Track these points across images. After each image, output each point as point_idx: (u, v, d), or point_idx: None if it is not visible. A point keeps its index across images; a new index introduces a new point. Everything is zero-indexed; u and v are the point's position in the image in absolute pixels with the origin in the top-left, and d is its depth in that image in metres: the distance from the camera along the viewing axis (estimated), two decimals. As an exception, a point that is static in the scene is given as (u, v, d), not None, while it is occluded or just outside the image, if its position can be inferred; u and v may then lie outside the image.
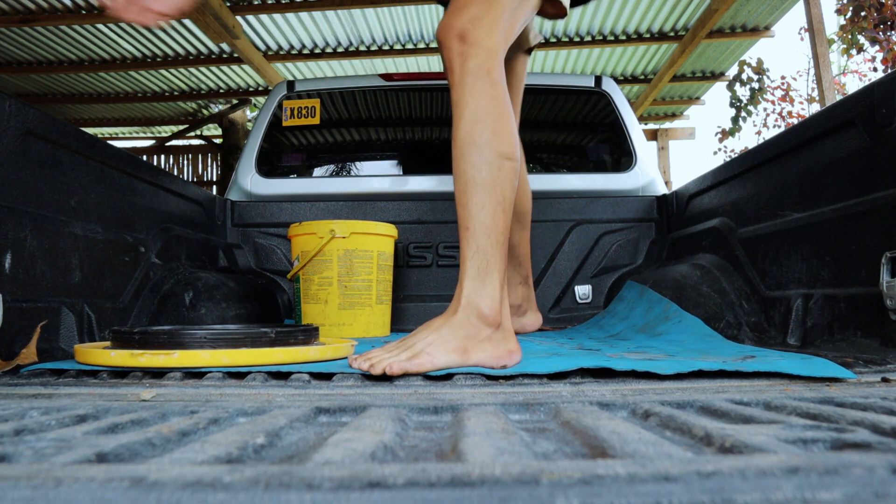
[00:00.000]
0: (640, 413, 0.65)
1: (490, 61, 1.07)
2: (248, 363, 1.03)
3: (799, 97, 8.24)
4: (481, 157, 1.04)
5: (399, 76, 2.66)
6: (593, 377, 0.94)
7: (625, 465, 0.38)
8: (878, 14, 5.31)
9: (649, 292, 1.90)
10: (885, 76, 1.18)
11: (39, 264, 1.24)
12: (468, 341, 0.98)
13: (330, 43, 5.38)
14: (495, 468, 0.38)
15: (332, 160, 2.72)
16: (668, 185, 5.79)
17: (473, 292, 1.01)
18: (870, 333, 1.19)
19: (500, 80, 1.08)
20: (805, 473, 0.36)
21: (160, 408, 0.66)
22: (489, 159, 1.04)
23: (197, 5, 2.25)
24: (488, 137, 1.04)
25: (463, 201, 1.05)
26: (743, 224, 1.71)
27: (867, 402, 0.65)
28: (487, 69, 1.06)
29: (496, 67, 1.08)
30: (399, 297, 2.35)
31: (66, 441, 0.50)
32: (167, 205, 1.87)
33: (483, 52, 1.07)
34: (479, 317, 1.00)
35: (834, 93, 3.86)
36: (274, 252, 2.40)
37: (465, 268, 1.04)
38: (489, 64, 1.07)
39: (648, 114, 7.39)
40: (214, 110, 7.38)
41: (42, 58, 5.64)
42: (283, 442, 0.56)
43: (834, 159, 1.35)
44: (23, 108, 1.21)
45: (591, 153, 2.66)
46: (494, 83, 1.07)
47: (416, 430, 0.61)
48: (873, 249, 1.19)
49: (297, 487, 0.35)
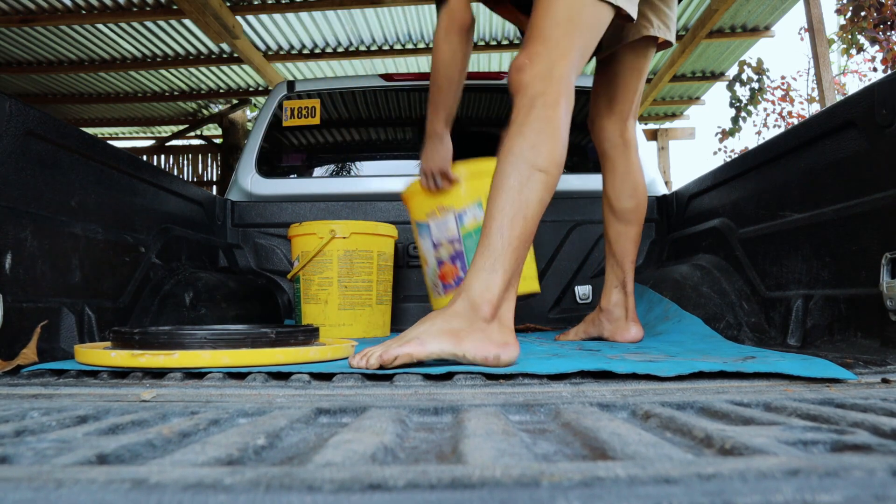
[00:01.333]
0: (640, 414, 0.65)
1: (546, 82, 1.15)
2: (248, 364, 1.03)
3: (799, 97, 8.24)
4: (513, 166, 1.11)
5: (399, 76, 2.67)
6: (593, 378, 0.94)
7: (625, 466, 0.38)
8: (878, 14, 5.31)
9: (649, 292, 1.90)
10: (886, 76, 1.18)
11: (40, 264, 1.24)
12: (461, 330, 1.01)
13: (330, 43, 5.38)
14: (496, 470, 0.38)
15: (333, 160, 2.72)
16: (668, 185, 5.79)
17: (473, 285, 1.05)
18: (870, 334, 1.19)
19: (555, 103, 1.14)
20: (805, 475, 0.36)
21: (161, 408, 0.66)
22: (520, 168, 1.10)
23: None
24: (525, 149, 1.11)
25: (489, 205, 1.12)
26: (743, 224, 1.71)
27: (867, 404, 0.65)
28: (543, 90, 1.14)
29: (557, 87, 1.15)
30: (399, 298, 2.35)
31: (66, 442, 0.50)
32: (167, 205, 1.87)
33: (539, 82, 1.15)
34: (473, 308, 1.04)
35: (834, 93, 3.86)
36: (274, 252, 2.40)
37: (473, 264, 1.09)
38: (545, 84, 1.15)
39: (648, 114, 7.39)
40: (214, 110, 7.38)
41: (42, 58, 5.64)
42: (284, 443, 0.56)
43: (834, 160, 1.35)
44: (23, 108, 1.21)
45: (592, 153, 2.66)
46: (548, 103, 1.14)
47: (417, 431, 0.61)
48: (873, 250, 1.19)
49: (297, 489, 0.35)
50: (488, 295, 1.04)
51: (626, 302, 1.60)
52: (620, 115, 1.61)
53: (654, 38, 1.54)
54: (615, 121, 1.61)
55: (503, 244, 1.06)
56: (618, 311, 1.60)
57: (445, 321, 1.02)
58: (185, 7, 4.08)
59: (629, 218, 1.60)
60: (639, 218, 1.61)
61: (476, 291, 1.04)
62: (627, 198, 1.60)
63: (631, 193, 1.60)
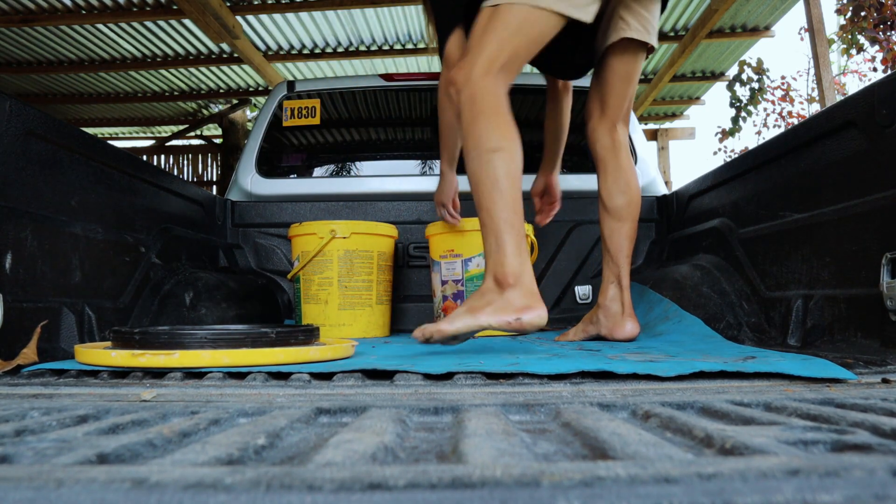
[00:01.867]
0: (640, 414, 0.65)
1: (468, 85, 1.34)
2: (248, 363, 1.03)
3: (799, 97, 8.24)
4: (472, 160, 1.31)
5: (399, 76, 2.66)
6: (594, 378, 0.94)
7: (625, 466, 0.38)
8: (878, 14, 5.31)
9: (650, 292, 1.90)
10: (886, 76, 1.18)
11: (40, 264, 1.24)
12: (479, 306, 1.20)
13: (330, 43, 5.38)
14: (496, 470, 0.38)
15: (333, 160, 2.72)
16: (668, 185, 5.79)
17: (490, 265, 1.25)
18: (870, 334, 1.19)
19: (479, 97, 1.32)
20: (805, 475, 0.36)
21: (161, 408, 0.66)
22: (476, 158, 1.29)
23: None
24: (472, 145, 1.31)
25: (474, 200, 1.31)
26: (743, 224, 1.71)
27: (867, 404, 0.65)
28: (466, 91, 1.34)
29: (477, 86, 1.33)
30: (399, 297, 2.35)
31: (66, 442, 0.50)
32: (167, 205, 1.87)
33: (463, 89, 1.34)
34: (495, 283, 1.23)
35: (834, 93, 3.86)
36: (274, 252, 2.40)
37: (484, 249, 1.28)
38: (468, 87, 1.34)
39: (648, 114, 7.39)
40: (214, 110, 7.38)
41: (42, 58, 5.64)
42: (284, 443, 0.56)
43: (834, 160, 1.35)
44: (23, 108, 1.21)
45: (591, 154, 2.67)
46: (473, 98, 1.32)
47: (417, 431, 0.61)
48: (873, 250, 1.19)
49: (297, 489, 0.35)
50: (501, 269, 1.22)
51: (622, 297, 1.63)
52: (611, 120, 1.67)
53: (638, 43, 1.59)
54: (605, 124, 1.68)
55: (495, 220, 1.25)
56: (614, 306, 1.64)
57: (472, 301, 1.24)
58: (185, 7, 4.08)
59: (621, 215, 1.65)
60: (631, 214, 1.66)
61: (492, 270, 1.23)
62: (618, 195, 1.65)
63: (622, 191, 1.65)
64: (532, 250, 2.09)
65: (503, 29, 1.36)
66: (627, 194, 1.65)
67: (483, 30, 1.38)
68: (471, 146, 1.31)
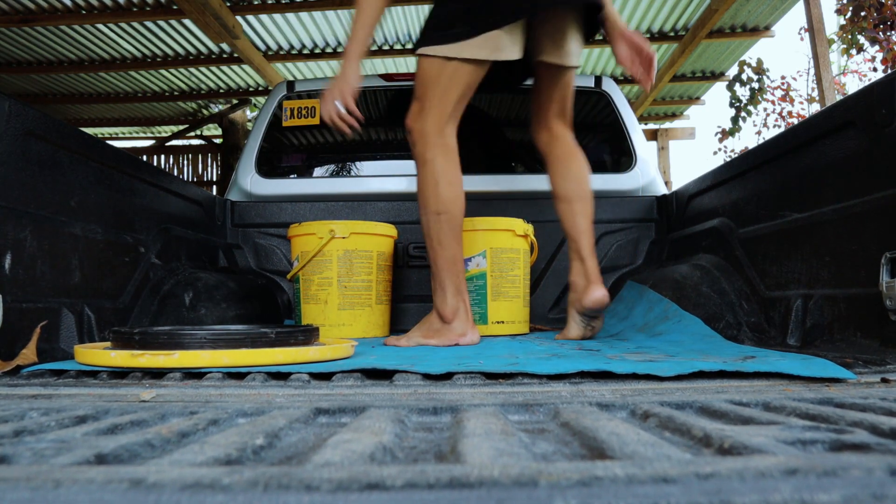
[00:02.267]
0: (639, 414, 0.65)
1: (423, 144, 1.58)
2: (247, 363, 1.03)
3: (799, 97, 8.23)
4: (422, 215, 1.59)
5: (399, 76, 2.66)
6: (593, 378, 0.94)
7: (623, 466, 0.38)
8: (878, 14, 5.31)
9: (649, 292, 1.90)
10: (885, 76, 1.18)
11: (39, 265, 1.24)
12: (430, 331, 1.59)
13: (330, 43, 5.38)
14: (494, 470, 0.38)
15: (332, 160, 2.72)
16: (668, 185, 5.79)
17: (438, 301, 1.60)
18: (869, 334, 1.19)
19: (432, 157, 1.56)
20: (803, 475, 0.36)
21: (160, 408, 0.66)
22: (424, 215, 1.59)
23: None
24: (423, 201, 1.58)
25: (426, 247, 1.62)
26: (743, 224, 1.71)
27: (866, 403, 0.65)
28: (422, 151, 1.58)
29: (429, 147, 1.57)
30: (399, 297, 2.35)
31: (65, 442, 0.50)
32: (167, 205, 1.87)
33: (418, 142, 1.60)
34: (439, 316, 1.59)
35: (834, 93, 3.86)
36: (274, 252, 2.40)
37: (432, 287, 1.62)
38: (423, 146, 1.58)
39: (648, 114, 7.39)
40: (214, 110, 7.38)
41: (42, 58, 5.64)
42: (283, 443, 0.56)
43: (834, 160, 1.35)
44: (23, 108, 1.21)
45: (591, 153, 2.66)
46: (425, 161, 1.57)
47: (416, 431, 0.61)
48: (873, 250, 1.19)
49: (295, 489, 0.35)
50: (444, 307, 1.58)
51: (584, 269, 1.70)
52: (545, 119, 1.82)
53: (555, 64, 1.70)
54: (541, 123, 1.84)
55: (439, 270, 1.58)
56: (580, 280, 1.71)
57: (424, 329, 1.61)
58: (185, 7, 4.08)
59: (570, 196, 1.76)
60: (580, 194, 1.75)
61: (438, 305, 1.59)
62: (563, 182, 1.78)
63: (563, 176, 1.79)
64: (532, 250, 2.09)
65: (436, 85, 1.56)
66: (569, 178, 1.77)
67: (422, 82, 1.59)
68: (421, 202, 1.58)
